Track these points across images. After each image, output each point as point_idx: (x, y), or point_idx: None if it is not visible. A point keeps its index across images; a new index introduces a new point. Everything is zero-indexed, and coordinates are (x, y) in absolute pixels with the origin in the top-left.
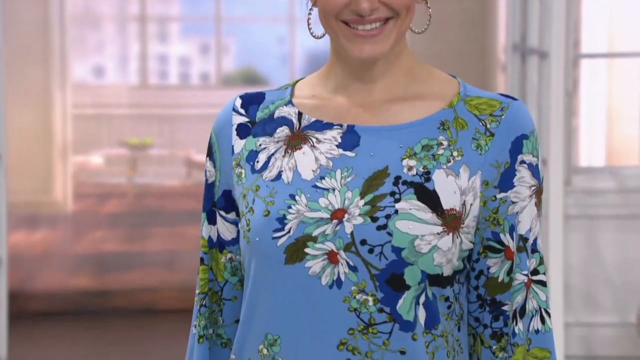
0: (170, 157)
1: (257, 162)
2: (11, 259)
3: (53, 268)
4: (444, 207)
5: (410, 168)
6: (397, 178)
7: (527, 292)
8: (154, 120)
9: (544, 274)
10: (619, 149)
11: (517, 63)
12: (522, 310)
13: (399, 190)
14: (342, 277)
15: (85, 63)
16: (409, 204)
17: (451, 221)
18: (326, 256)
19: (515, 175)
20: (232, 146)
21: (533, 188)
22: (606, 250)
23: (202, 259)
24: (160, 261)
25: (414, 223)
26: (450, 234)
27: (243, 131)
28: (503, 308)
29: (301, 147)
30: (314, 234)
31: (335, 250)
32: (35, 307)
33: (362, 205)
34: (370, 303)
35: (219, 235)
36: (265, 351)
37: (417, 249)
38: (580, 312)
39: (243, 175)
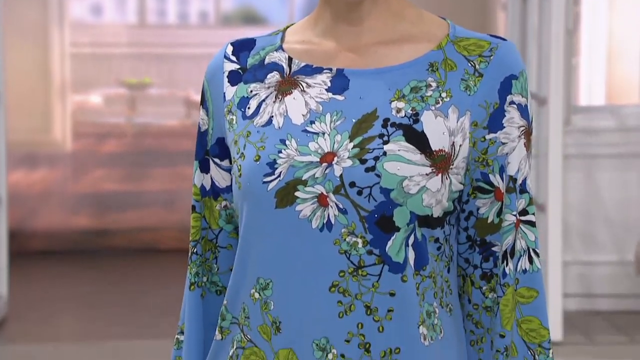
0: (170, 97)
1: (248, 108)
2: (11, 198)
3: (53, 207)
4: (433, 148)
5: (398, 110)
6: (386, 120)
7: (516, 233)
8: (153, 59)
9: (534, 214)
10: (619, 87)
11: (518, 1)
12: (512, 250)
13: (388, 132)
14: (332, 220)
15: (83, 1)
16: (398, 146)
17: (440, 162)
18: (316, 199)
19: (505, 116)
20: (224, 93)
21: (522, 129)
22: (605, 189)
23: (193, 207)
24: (159, 201)
25: (402, 164)
26: (440, 174)
27: (234, 78)
28: (493, 249)
29: (291, 92)
30: (304, 178)
31: (325, 193)
32: (35, 246)
33: (351, 148)
34: (360, 245)
35: (212, 182)
36: (257, 295)
37: (406, 189)
38: (579, 250)
39: (234, 122)
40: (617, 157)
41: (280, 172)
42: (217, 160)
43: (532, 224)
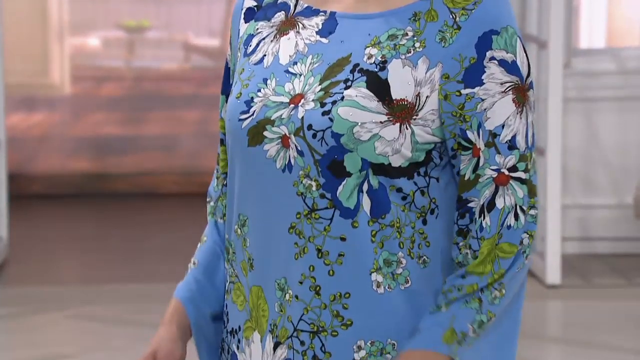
0: (168, 40)
1: (250, 45)
2: (10, 141)
3: (52, 151)
4: (394, 97)
5: (370, 57)
6: (356, 66)
7: (498, 188)
8: (151, 1)
9: (525, 170)
10: (620, 29)
11: None
12: (490, 204)
13: (353, 78)
14: (292, 162)
15: None
16: (356, 92)
17: (400, 111)
18: (280, 140)
19: (485, 72)
20: (239, 30)
21: (508, 85)
22: (604, 133)
23: (221, 140)
24: (159, 145)
25: (355, 110)
26: (398, 124)
27: (249, 15)
28: (469, 205)
29: (288, 33)
30: (272, 118)
31: (288, 135)
32: (35, 189)
33: (317, 91)
34: (314, 188)
35: None
36: (239, 231)
37: (356, 135)
38: (578, 194)
39: (239, 58)
40: (617, 100)
41: (254, 111)
42: None
43: (522, 181)
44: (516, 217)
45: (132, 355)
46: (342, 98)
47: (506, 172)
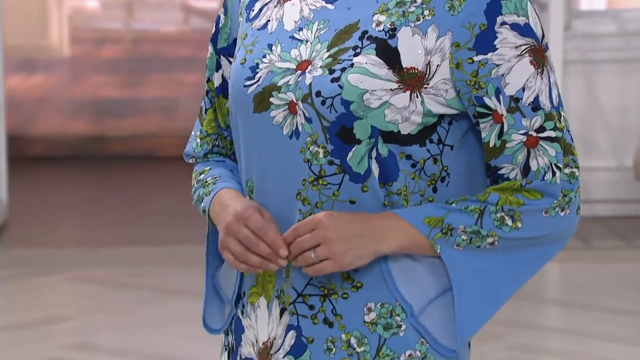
0: (167, 2)
1: (252, 10)
2: (9, 103)
3: (51, 113)
4: (404, 65)
5: (378, 23)
6: (364, 33)
7: (530, 151)
8: None
9: (554, 129)
10: None
11: None
12: (526, 169)
13: (362, 45)
14: (300, 128)
15: None
16: (366, 59)
17: (410, 79)
18: (287, 106)
19: (497, 37)
20: None
21: (524, 47)
22: (605, 95)
23: (208, 101)
24: (158, 108)
25: (365, 77)
26: (408, 92)
27: None
28: (500, 172)
29: None
30: (279, 84)
31: (295, 101)
32: (34, 151)
33: (325, 58)
34: (321, 155)
35: (223, 80)
36: (248, 198)
37: (366, 103)
38: (578, 156)
39: (241, 24)
40: (618, 62)
41: (260, 77)
42: (231, 59)
43: (552, 139)
44: (553, 174)
45: (132, 318)
46: (352, 65)
47: (534, 134)
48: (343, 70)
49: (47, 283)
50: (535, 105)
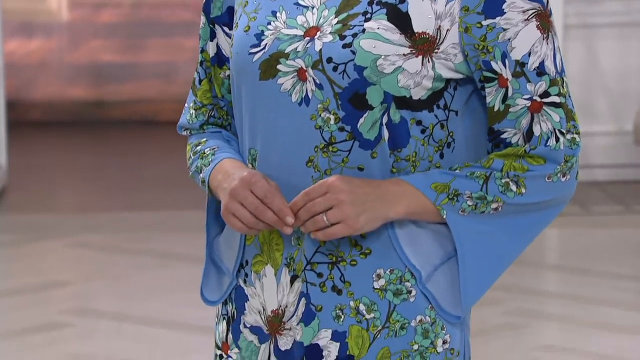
0: None
1: None
2: (7, 67)
3: (50, 77)
4: (415, 30)
5: None
6: None
7: (533, 116)
8: None
9: (558, 95)
10: None
11: None
12: (529, 133)
13: (372, 10)
14: (310, 95)
15: None
16: (378, 24)
17: (422, 44)
18: (296, 73)
19: (505, 1)
20: None
21: (531, 12)
22: (605, 59)
23: (203, 71)
24: (157, 73)
25: (378, 42)
26: (420, 56)
27: None
28: (502, 136)
29: None
30: (286, 51)
31: (304, 68)
32: (34, 116)
33: (335, 24)
34: (332, 122)
35: (218, 50)
36: (250, 167)
37: (380, 68)
38: (579, 122)
39: None
40: (618, 26)
41: (266, 44)
42: (226, 28)
43: (555, 104)
44: (557, 140)
45: (131, 284)
46: (364, 30)
47: (538, 99)
48: (355, 35)
49: (47, 248)
50: (541, 70)
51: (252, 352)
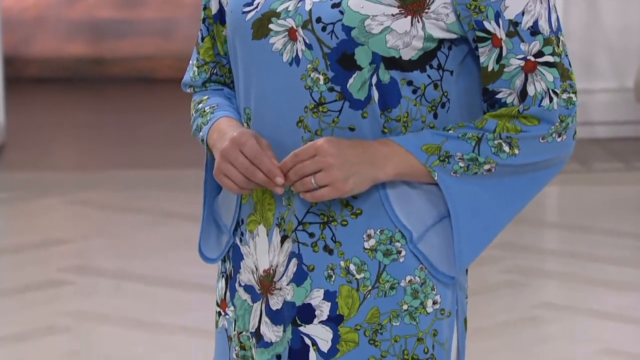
0: None
1: None
2: (4, 23)
3: (47, 34)
4: None
5: None
6: None
7: (527, 76)
8: None
9: (552, 54)
10: None
11: None
12: (523, 94)
13: None
14: (300, 55)
15: None
16: None
17: (411, 4)
18: (287, 33)
19: None
20: None
21: None
22: (606, 15)
23: (205, 28)
24: (156, 29)
25: (366, 2)
26: (409, 17)
27: None
28: (497, 96)
29: None
30: (278, 10)
31: (295, 27)
32: (31, 73)
33: None
34: (321, 82)
35: (221, 7)
36: (245, 126)
37: (368, 28)
38: (578, 78)
39: None
40: None
41: (258, 3)
42: None
43: (549, 64)
44: (550, 100)
45: (131, 242)
46: None
47: (532, 59)
48: None
49: (46, 206)
50: (534, 30)
51: (246, 310)
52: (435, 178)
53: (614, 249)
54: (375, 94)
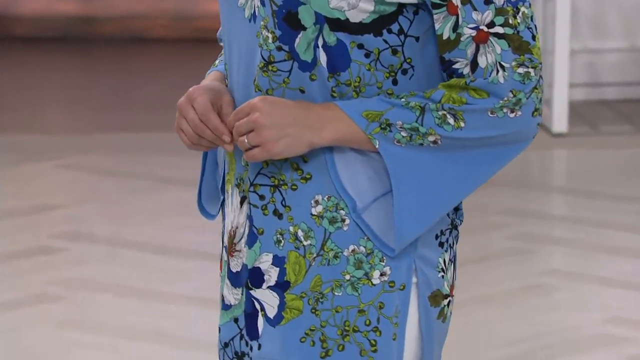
0: None
1: None
2: None
3: None
4: None
5: None
6: None
7: (479, 46)
8: None
9: (504, 25)
10: None
11: None
12: (474, 65)
13: None
14: (256, 11)
15: None
16: None
17: None
18: None
19: None
20: None
21: None
22: None
23: None
24: None
25: None
26: None
27: None
28: (454, 66)
29: None
30: None
31: None
32: (21, 32)
33: None
34: (270, 40)
35: None
36: (226, 81)
37: None
38: (587, 38)
39: None
40: None
41: None
42: None
43: (499, 35)
44: (497, 72)
45: (125, 208)
46: None
47: (485, 29)
48: None
49: (37, 170)
50: None
51: (224, 272)
52: (377, 146)
53: (622, 214)
54: (322, 56)
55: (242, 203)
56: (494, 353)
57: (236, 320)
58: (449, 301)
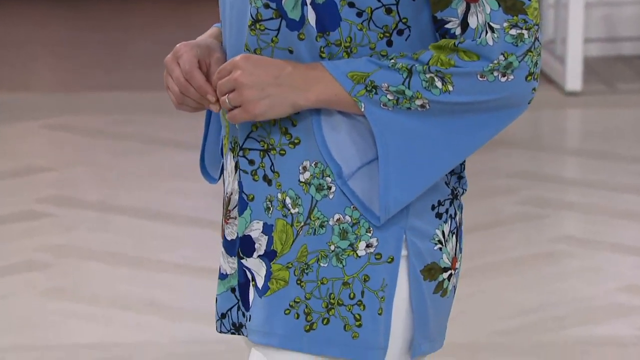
0: None
1: None
2: None
3: None
4: None
5: None
6: None
7: (470, 6)
8: None
9: None
10: None
11: None
12: (464, 24)
13: None
14: None
15: None
16: None
17: None
18: None
19: None
20: None
21: None
22: None
23: None
24: None
25: None
26: None
27: None
28: (446, 26)
29: None
30: None
31: None
32: None
33: None
34: None
35: None
36: (221, 39)
37: None
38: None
39: None
40: None
41: None
42: None
43: None
44: (486, 33)
45: (116, 171)
46: None
47: None
48: None
49: (22, 130)
50: None
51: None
52: (362, 109)
53: (636, 177)
54: (311, 14)
55: (236, 168)
56: (502, 323)
57: (233, 290)
58: (450, 274)
